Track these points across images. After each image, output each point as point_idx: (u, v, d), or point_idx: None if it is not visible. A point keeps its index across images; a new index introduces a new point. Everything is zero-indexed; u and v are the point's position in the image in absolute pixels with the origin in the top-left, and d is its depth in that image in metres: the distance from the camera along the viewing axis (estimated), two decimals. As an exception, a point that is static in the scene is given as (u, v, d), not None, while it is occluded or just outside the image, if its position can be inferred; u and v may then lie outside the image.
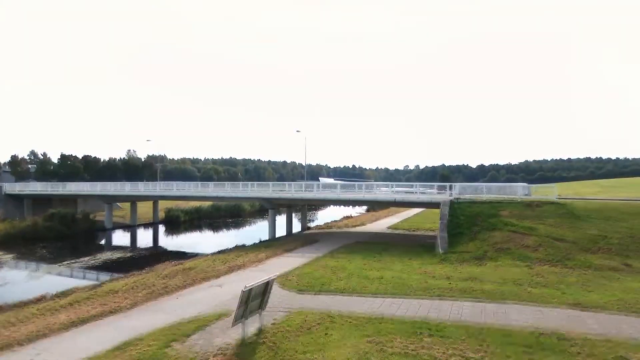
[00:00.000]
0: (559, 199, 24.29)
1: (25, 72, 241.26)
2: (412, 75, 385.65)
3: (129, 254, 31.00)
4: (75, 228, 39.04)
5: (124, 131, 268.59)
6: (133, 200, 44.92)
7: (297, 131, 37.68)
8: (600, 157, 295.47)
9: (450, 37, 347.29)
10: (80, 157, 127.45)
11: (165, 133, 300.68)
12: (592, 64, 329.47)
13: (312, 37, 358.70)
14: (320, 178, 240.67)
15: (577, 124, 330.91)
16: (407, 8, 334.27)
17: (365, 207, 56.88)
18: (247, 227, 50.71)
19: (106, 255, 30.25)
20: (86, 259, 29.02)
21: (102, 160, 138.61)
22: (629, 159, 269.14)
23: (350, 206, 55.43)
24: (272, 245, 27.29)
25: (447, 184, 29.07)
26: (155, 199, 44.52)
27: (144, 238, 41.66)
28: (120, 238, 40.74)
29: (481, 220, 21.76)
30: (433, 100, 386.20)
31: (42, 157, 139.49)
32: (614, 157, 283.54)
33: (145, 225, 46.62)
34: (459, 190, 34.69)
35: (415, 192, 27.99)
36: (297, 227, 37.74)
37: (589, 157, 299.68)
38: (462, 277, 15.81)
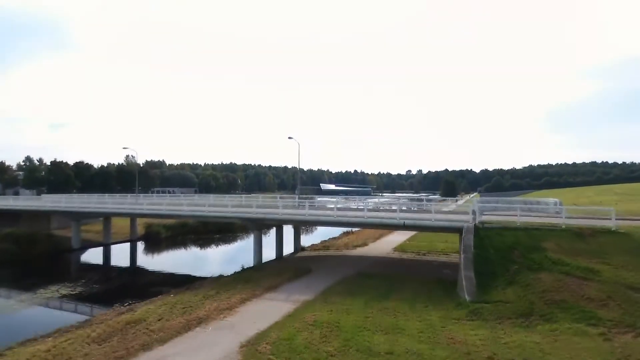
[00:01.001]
0: (618, 219, 19.08)
1: (24, 71, 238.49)
2: (415, 77, 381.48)
3: (84, 286, 25.92)
4: (32, 250, 34.03)
5: (124, 135, 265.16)
6: (100, 217, 39.88)
7: (290, 138, 32.69)
8: (606, 162, 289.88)
9: (453, 38, 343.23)
10: (72, 164, 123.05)
11: (165, 137, 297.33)
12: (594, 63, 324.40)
13: (312, 40, 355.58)
14: (321, 184, 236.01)
15: (580, 126, 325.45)
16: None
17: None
18: (235, 244, 45.71)
19: (53, 288, 24.66)
20: (24, 295, 23.48)
21: (94, 167, 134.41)
22: (635, 163, 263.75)
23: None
24: (254, 277, 22.27)
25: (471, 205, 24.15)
26: (122, 216, 39.35)
27: (116, 259, 36.70)
28: (88, 260, 35.80)
29: (519, 256, 16.70)
30: (435, 104, 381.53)
31: (37, 164, 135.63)
32: (619, 162, 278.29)
33: (122, 243, 41.67)
34: (477, 208, 29.96)
35: (429, 210, 22.98)
36: (289, 245, 32.76)
37: (595, 162, 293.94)
38: (512, 355, 10.75)
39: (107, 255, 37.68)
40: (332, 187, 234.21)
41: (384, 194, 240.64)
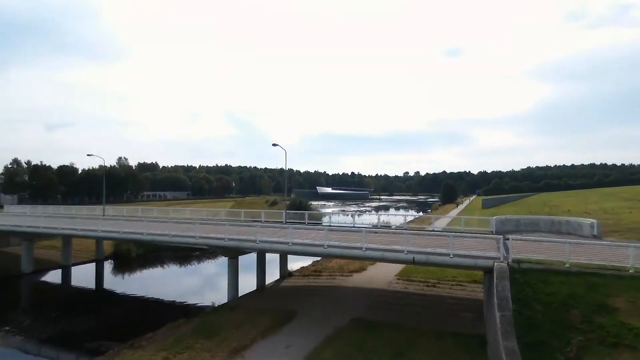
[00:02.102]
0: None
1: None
2: (414, 74, 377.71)
3: (14, 331, 20.87)
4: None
5: (122, 136, 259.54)
6: (32, 237, 32.43)
7: (274, 145, 27.78)
8: (605, 163, 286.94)
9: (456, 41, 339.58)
10: (55, 168, 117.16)
11: (159, 139, 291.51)
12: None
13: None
14: (317, 188, 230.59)
15: (579, 126, 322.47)
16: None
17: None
18: (216, 262, 40.50)
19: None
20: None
21: (80, 170, 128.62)
22: (634, 165, 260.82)
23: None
24: (221, 327, 17.33)
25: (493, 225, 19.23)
26: (77, 237, 32.99)
27: (76, 284, 31.62)
28: (40, 286, 30.69)
29: (580, 318, 11.88)
30: (432, 104, 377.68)
31: (25, 167, 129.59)
32: (618, 164, 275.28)
33: (87, 263, 36.50)
34: (495, 226, 25.15)
35: (446, 243, 18.05)
36: (274, 268, 27.85)
37: (594, 164, 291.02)
38: None
39: (65, 280, 32.51)
40: (328, 190, 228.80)
41: (382, 197, 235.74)
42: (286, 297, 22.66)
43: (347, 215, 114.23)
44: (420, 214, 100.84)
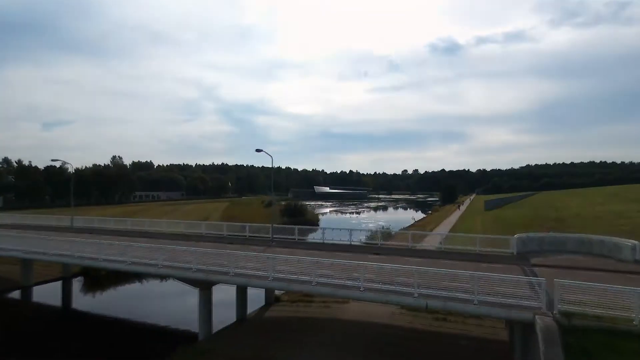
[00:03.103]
0: None
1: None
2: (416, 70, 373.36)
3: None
4: None
5: (115, 135, 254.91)
6: None
7: (258, 150, 23.92)
8: (605, 161, 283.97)
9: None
10: (42, 168, 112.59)
11: (157, 137, 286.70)
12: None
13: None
14: (315, 187, 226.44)
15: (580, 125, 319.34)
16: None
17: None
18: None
19: None
20: None
21: (68, 170, 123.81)
22: (634, 163, 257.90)
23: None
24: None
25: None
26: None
27: (36, 309, 27.69)
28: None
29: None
30: (433, 101, 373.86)
31: (16, 166, 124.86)
32: (618, 162, 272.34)
33: (52, 282, 32.51)
34: (516, 247, 21.40)
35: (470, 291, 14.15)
36: (259, 294, 23.99)
37: (594, 162, 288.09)
38: None
39: (24, 302, 28.60)
40: (326, 189, 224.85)
41: (380, 197, 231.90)
42: (270, 335, 18.87)
43: (346, 214, 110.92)
44: (422, 214, 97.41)
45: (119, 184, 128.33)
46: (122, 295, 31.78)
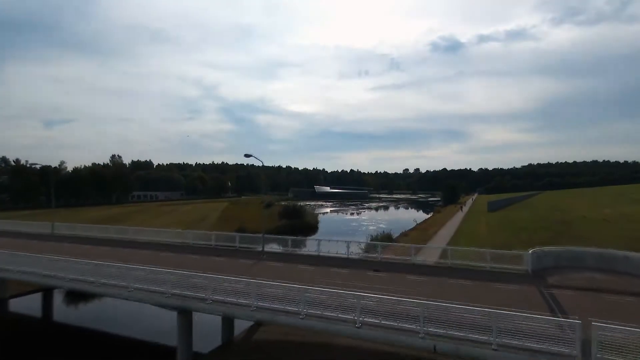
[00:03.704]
0: None
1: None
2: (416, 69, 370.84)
3: None
4: None
5: (116, 134, 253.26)
6: None
7: (247, 156, 21.89)
8: (608, 161, 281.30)
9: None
10: (38, 167, 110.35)
11: (157, 136, 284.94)
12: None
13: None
14: (315, 187, 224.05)
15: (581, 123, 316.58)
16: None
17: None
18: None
19: None
20: None
21: (65, 170, 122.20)
22: (637, 162, 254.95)
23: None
24: None
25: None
26: None
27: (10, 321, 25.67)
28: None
29: None
30: (433, 99, 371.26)
31: (13, 165, 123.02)
32: (621, 161, 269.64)
33: (32, 294, 30.47)
34: (531, 263, 19.34)
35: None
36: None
37: (596, 161, 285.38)
38: None
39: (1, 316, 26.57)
40: (326, 189, 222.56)
41: (381, 196, 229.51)
42: (257, 364, 16.88)
43: (347, 214, 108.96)
44: (424, 214, 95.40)
45: (116, 184, 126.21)
46: (108, 307, 29.77)
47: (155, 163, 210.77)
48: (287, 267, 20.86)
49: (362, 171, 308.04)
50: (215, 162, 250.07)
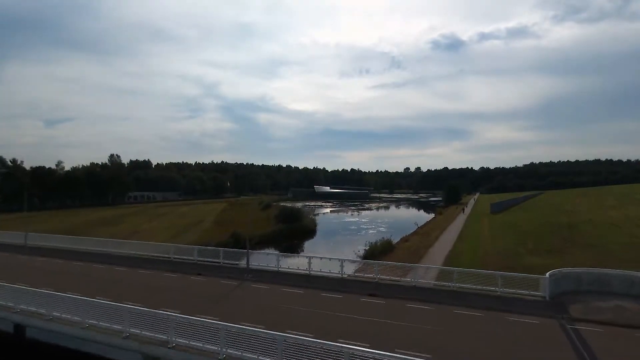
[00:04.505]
0: None
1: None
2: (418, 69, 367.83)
3: None
4: None
5: (116, 133, 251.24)
6: None
7: (236, 163, 19.43)
8: (611, 159, 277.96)
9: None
10: (29, 169, 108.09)
11: (157, 135, 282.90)
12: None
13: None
14: (315, 186, 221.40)
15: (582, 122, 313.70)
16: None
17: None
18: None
19: None
20: None
21: (62, 170, 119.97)
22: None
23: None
24: None
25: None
26: None
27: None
28: None
29: None
30: (435, 97, 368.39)
31: (11, 165, 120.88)
32: (624, 159, 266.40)
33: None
34: (549, 289, 16.92)
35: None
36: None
37: (599, 160, 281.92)
38: None
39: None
40: (327, 189, 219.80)
41: (382, 196, 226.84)
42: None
43: (347, 213, 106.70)
44: (425, 214, 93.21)
45: (112, 185, 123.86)
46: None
47: (154, 162, 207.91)
48: (272, 291, 18.58)
49: (363, 170, 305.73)
50: (215, 162, 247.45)
